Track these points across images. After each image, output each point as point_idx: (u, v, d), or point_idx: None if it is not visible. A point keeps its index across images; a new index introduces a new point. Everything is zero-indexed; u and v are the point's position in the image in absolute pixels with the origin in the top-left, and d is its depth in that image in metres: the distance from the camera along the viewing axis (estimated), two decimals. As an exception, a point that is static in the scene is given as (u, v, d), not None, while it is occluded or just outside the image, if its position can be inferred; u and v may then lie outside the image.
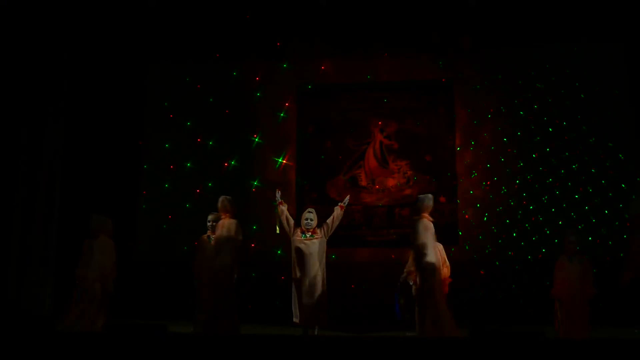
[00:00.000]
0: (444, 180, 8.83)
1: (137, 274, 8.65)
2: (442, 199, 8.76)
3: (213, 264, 6.56)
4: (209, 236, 6.88)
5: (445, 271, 6.36)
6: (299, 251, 6.51)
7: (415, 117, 9.08)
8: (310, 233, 6.60)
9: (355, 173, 9.13)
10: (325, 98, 9.38)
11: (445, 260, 6.41)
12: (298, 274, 6.49)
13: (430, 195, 6.29)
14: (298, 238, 6.57)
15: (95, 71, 9.23)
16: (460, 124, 8.86)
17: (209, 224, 6.89)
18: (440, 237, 6.71)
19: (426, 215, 6.16)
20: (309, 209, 6.77)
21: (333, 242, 8.81)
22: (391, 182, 9.00)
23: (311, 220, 6.63)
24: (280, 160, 9.12)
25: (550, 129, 8.43)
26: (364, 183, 9.10)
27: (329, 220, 6.67)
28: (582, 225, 8.08)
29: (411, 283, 6.37)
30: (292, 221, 6.70)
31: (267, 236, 8.86)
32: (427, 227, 6.06)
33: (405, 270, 6.44)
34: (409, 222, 8.50)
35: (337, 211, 6.72)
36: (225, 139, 9.17)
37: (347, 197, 6.95)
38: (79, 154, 9.08)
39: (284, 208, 6.73)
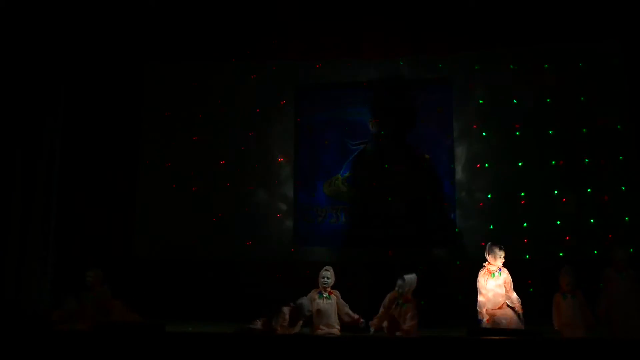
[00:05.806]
0: (442, 180, 8.82)
1: (134, 272, 8.64)
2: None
3: None
4: None
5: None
6: (319, 311, 6.63)
7: (413, 116, 9.06)
8: (327, 293, 6.71)
9: (354, 172, 9.11)
10: (323, 97, 9.34)
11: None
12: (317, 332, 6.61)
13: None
14: (316, 299, 6.68)
15: (92, 70, 9.24)
16: (458, 124, 8.84)
17: None
18: (437, 237, 6.72)
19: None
20: (327, 267, 6.88)
21: (330, 242, 8.86)
22: (389, 182, 8.97)
23: (328, 278, 6.75)
24: (277, 159, 9.10)
25: (550, 129, 8.41)
26: (361, 182, 9.07)
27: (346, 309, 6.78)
28: (576, 225, 8.10)
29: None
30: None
31: (263, 235, 8.90)
32: None
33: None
34: (407, 221, 8.66)
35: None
36: (222, 138, 9.15)
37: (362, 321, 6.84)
38: (77, 153, 9.10)
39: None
